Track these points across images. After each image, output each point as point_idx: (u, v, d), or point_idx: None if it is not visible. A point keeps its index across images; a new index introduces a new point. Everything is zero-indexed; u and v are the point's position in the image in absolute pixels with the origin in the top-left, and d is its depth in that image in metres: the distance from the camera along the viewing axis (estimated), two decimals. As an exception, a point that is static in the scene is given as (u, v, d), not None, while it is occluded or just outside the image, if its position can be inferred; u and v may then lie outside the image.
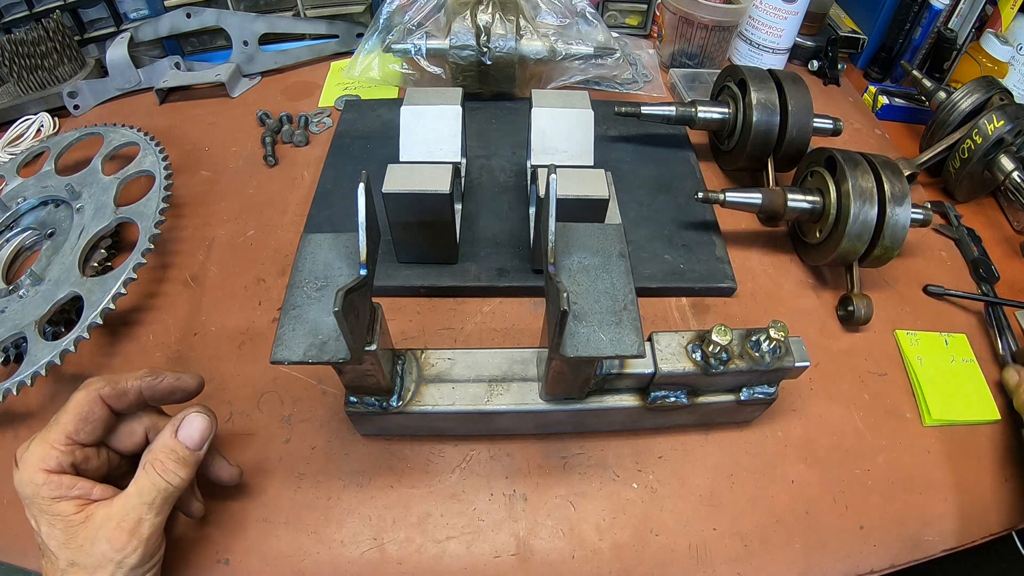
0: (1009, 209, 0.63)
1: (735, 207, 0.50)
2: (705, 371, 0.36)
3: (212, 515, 0.38)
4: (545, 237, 0.33)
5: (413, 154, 0.47)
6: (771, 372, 0.37)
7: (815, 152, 0.51)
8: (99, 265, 0.48)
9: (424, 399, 0.38)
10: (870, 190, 0.46)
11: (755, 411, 0.42)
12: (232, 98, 0.69)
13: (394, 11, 0.66)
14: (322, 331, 0.31)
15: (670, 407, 0.39)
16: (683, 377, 0.37)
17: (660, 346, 0.37)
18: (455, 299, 0.49)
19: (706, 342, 0.36)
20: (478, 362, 0.39)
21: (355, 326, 0.29)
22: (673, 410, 0.39)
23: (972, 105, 0.60)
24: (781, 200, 0.50)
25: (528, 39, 0.64)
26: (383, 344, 0.34)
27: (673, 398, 0.39)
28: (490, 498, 0.40)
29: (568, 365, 0.34)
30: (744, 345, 0.37)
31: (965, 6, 0.70)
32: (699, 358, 0.36)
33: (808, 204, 0.49)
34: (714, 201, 0.50)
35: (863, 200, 0.46)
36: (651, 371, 0.36)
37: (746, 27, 0.74)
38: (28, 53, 0.64)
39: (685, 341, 0.37)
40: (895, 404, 0.46)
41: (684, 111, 0.59)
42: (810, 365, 0.38)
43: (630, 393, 0.39)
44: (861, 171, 0.47)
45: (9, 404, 0.42)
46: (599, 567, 0.38)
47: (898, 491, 0.42)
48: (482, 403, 0.38)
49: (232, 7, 0.71)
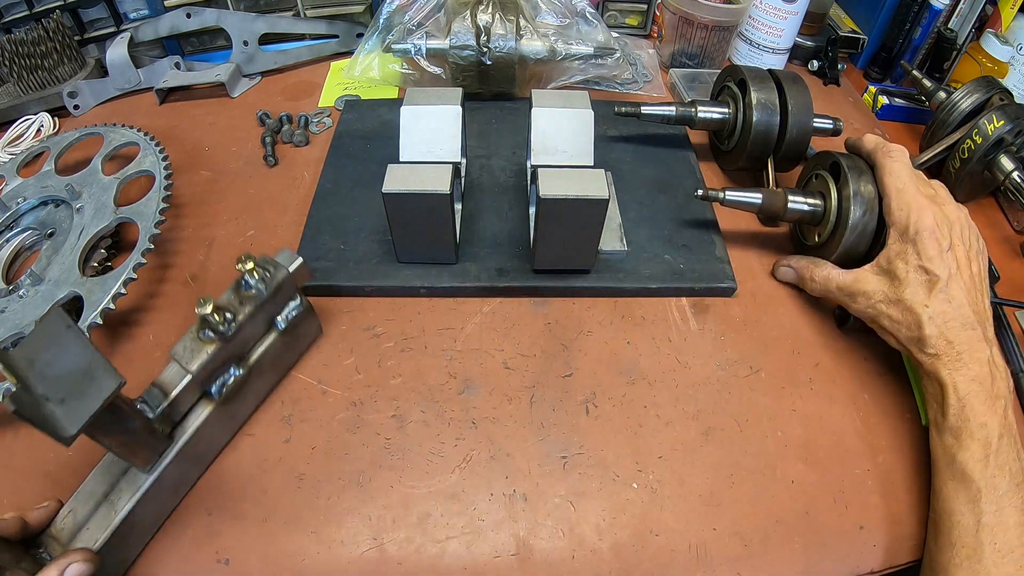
0: (1009, 209, 0.63)
1: (734, 206, 0.50)
2: (225, 339, 0.35)
3: (212, 515, 0.38)
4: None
5: (413, 154, 0.47)
6: (276, 294, 0.38)
7: (820, 155, 0.51)
8: (99, 265, 0.48)
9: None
10: (871, 197, 0.46)
11: (311, 327, 0.43)
12: (232, 98, 0.69)
13: (394, 11, 0.66)
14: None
15: (235, 385, 0.38)
16: (214, 362, 0.35)
17: (179, 354, 0.35)
18: (455, 299, 0.49)
19: (206, 322, 0.35)
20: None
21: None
22: (238, 386, 0.38)
23: (972, 105, 0.60)
24: (781, 201, 0.50)
25: (528, 39, 0.64)
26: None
27: (232, 376, 0.38)
28: (490, 498, 0.40)
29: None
30: (238, 296, 0.37)
31: (965, 6, 0.70)
32: (214, 335, 0.35)
33: (808, 207, 0.49)
34: (713, 199, 0.50)
35: (863, 206, 0.46)
36: (189, 378, 0.35)
37: (746, 27, 0.74)
38: (28, 53, 0.64)
39: (194, 332, 0.35)
40: (895, 404, 0.46)
41: (684, 111, 0.59)
42: (300, 260, 0.39)
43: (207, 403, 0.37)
44: (865, 179, 0.46)
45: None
46: (599, 567, 0.38)
47: (898, 491, 0.42)
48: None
49: (232, 7, 0.71)
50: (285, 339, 0.41)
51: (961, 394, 0.37)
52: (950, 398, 0.37)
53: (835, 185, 0.48)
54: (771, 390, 0.46)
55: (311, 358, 0.45)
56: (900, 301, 0.41)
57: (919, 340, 0.39)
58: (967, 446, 0.36)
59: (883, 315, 0.42)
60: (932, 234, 0.40)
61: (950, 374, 0.38)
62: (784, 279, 0.51)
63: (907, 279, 0.41)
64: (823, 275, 0.47)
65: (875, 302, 0.42)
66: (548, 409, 0.44)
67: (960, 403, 0.37)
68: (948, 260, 0.40)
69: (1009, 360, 0.49)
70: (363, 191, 0.55)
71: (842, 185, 0.47)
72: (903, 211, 0.42)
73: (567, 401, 0.44)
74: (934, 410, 0.39)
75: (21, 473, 0.40)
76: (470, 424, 0.43)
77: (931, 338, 0.39)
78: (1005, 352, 0.50)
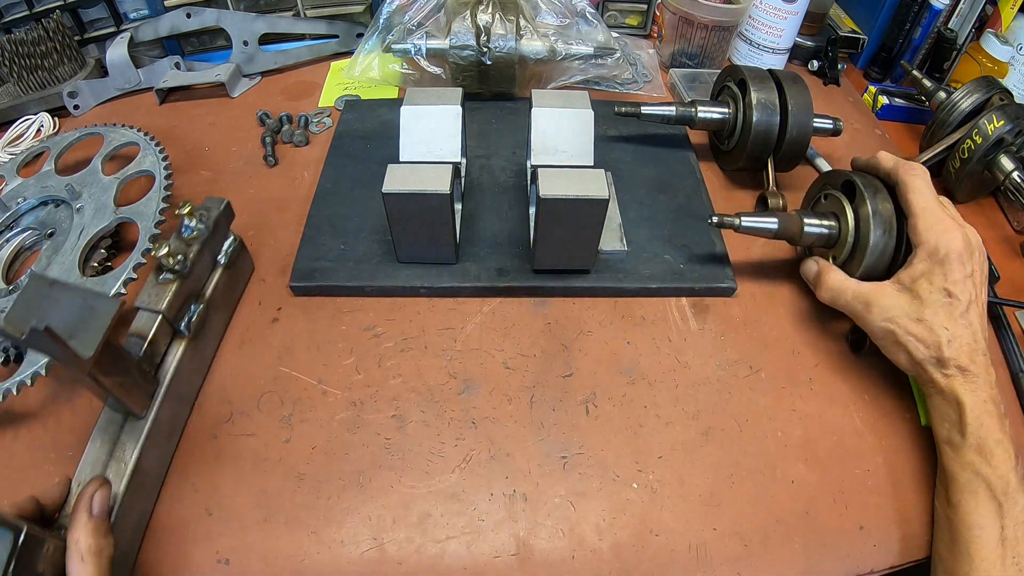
0: (1009, 209, 0.63)
1: (750, 232, 0.48)
2: (183, 276, 0.40)
3: (212, 515, 0.38)
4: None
5: (413, 154, 0.47)
6: (214, 232, 0.43)
7: (829, 174, 0.50)
8: (99, 265, 0.48)
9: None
10: (889, 215, 0.45)
11: (246, 262, 0.49)
12: (232, 98, 0.69)
13: (394, 11, 0.66)
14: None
15: (199, 320, 0.42)
16: (177, 299, 0.40)
17: (145, 301, 0.39)
18: (455, 299, 0.49)
19: (162, 266, 0.39)
20: None
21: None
22: (201, 320, 0.42)
23: (972, 105, 0.60)
24: (797, 226, 0.48)
25: (528, 39, 0.64)
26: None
27: (195, 312, 0.42)
28: (490, 498, 0.40)
29: None
30: (181, 241, 0.41)
31: (965, 6, 0.70)
32: (172, 276, 0.40)
33: (826, 229, 0.48)
34: (729, 226, 0.48)
35: (883, 226, 0.44)
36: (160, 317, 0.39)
37: (746, 27, 0.74)
38: (28, 53, 0.64)
39: (153, 279, 0.40)
40: (895, 404, 0.46)
41: (684, 111, 0.59)
42: (227, 200, 0.44)
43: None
44: (881, 197, 0.45)
45: (9, 404, 0.42)
46: (599, 567, 0.38)
47: (898, 491, 0.42)
48: None
49: (232, 7, 0.71)
50: (229, 272, 0.46)
51: (978, 413, 0.38)
52: (968, 416, 0.38)
53: (850, 205, 0.47)
54: (771, 390, 0.46)
55: (311, 358, 0.46)
56: (922, 320, 0.40)
57: (939, 360, 0.39)
58: (989, 462, 0.37)
59: (902, 331, 0.41)
60: (959, 257, 0.40)
61: (968, 394, 0.38)
62: (808, 274, 0.48)
63: (929, 299, 0.40)
64: (838, 280, 0.45)
65: (893, 316, 0.41)
66: (548, 409, 0.44)
67: (978, 421, 0.38)
68: (969, 285, 0.40)
69: (1009, 360, 0.49)
70: (363, 191, 0.55)
71: (858, 204, 0.46)
72: (932, 231, 0.41)
73: (567, 401, 0.44)
74: (947, 428, 0.39)
75: (22, 473, 0.40)
76: (470, 424, 0.43)
77: (951, 360, 0.39)
78: (1005, 352, 0.50)
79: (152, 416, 0.38)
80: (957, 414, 0.39)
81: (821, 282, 0.46)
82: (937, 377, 0.40)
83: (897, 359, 0.42)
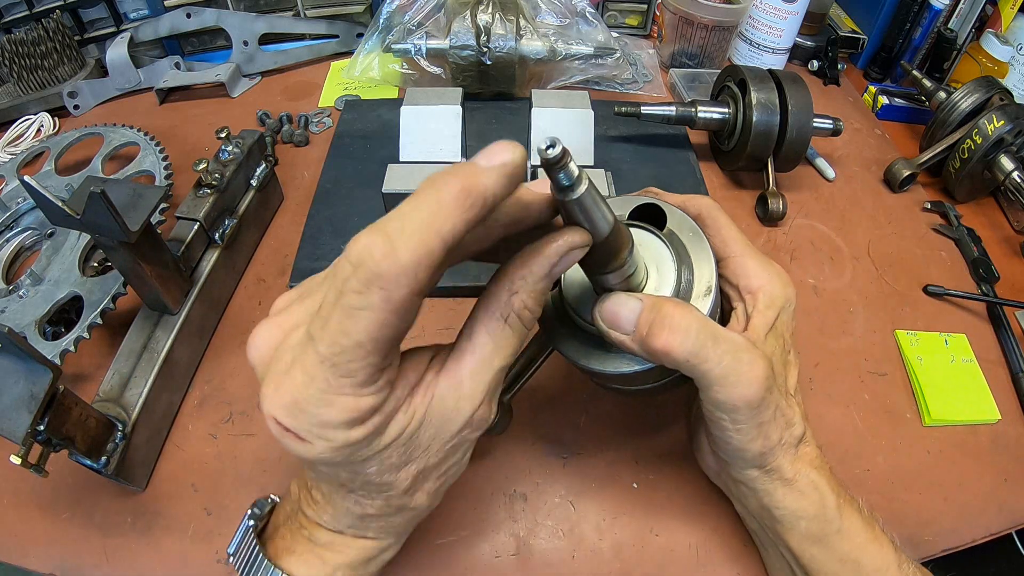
0: (1009, 209, 0.63)
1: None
2: (220, 191, 0.45)
3: (212, 515, 0.38)
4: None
5: (413, 154, 0.47)
6: (248, 157, 0.49)
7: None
8: (99, 265, 0.48)
9: None
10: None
11: (275, 190, 0.53)
12: (232, 98, 0.69)
13: (394, 11, 0.66)
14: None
15: (232, 232, 0.47)
16: (213, 210, 0.45)
17: (184, 211, 0.44)
18: (455, 299, 0.49)
19: (200, 182, 0.45)
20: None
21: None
22: (234, 233, 0.47)
23: (972, 105, 0.60)
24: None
25: (528, 39, 0.64)
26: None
27: (228, 225, 0.46)
28: (490, 498, 0.40)
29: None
30: (219, 163, 0.47)
31: (965, 6, 0.70)
32: (210, 190, 0.45)
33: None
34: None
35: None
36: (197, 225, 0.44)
37: (746, 27, 0.74)
38: (28, 53, 0.64)
39: (193, 193, 0.45)
40: (895, 404, 0.46)
41: (684, 111, 0.59)
42: (260, 134, 0.49)
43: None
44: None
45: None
46: (599, 567, 0.38)
47: (898, 491, 0.42)
48: None
49: (232, 7, 0.71)
50: (260, 195, 0.51)
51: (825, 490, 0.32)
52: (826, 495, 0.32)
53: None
54: (771, 390, 0.46)
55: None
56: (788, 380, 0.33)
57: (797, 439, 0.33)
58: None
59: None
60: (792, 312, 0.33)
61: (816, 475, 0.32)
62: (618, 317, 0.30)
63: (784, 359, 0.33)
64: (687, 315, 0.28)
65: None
66: (548, 408, 0.44)
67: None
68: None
69: (1009, 360, 0.49)
70: (363, 191, 0.55)
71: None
72: (767, 274, 0.33)
73: (567, 400, 0.44)
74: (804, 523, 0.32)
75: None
76: (470, 424, 0.43)
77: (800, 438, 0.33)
78: (1005, 352, 0.50)
79: (185, 312, 0.42)
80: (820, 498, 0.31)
81: (663, 321, 0.27)
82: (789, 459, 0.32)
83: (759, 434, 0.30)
